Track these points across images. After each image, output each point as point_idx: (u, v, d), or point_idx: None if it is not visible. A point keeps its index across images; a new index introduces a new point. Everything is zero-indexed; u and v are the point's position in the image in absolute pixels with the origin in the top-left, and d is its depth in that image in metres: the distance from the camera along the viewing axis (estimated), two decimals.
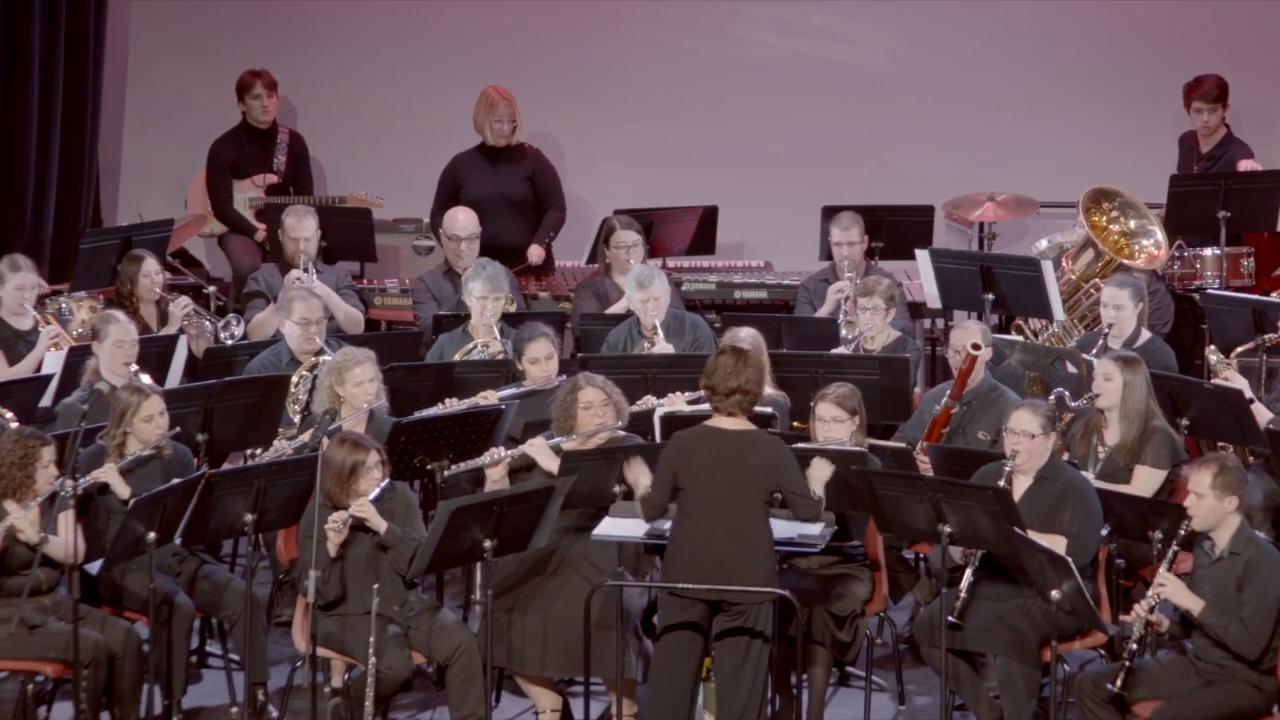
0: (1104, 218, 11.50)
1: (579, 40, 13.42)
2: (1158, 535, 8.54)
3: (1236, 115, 12.49)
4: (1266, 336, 9.98)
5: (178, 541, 8.65)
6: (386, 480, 8.61)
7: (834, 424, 9.04)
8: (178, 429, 9.04)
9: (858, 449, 8.90)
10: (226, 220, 12.62)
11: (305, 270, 11.22)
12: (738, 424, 8.23)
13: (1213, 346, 9.95)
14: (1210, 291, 11.28)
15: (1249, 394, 9.50)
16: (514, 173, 12.20)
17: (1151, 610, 8.10)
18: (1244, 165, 11.93)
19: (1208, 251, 11.77)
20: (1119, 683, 8.08)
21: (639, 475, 8.46)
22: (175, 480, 8.60)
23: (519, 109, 12.20)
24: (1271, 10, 13.02)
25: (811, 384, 9.78)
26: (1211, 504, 8.09)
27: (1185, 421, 9.66)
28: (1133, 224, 11.49)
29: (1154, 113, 12.66)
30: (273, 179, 12.66)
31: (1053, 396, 9.39)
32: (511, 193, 12.13)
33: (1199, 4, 13.03)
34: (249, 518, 8.62)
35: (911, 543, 9.36)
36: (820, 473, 8.44)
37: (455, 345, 10.53)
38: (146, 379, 9.45)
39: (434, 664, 8.82)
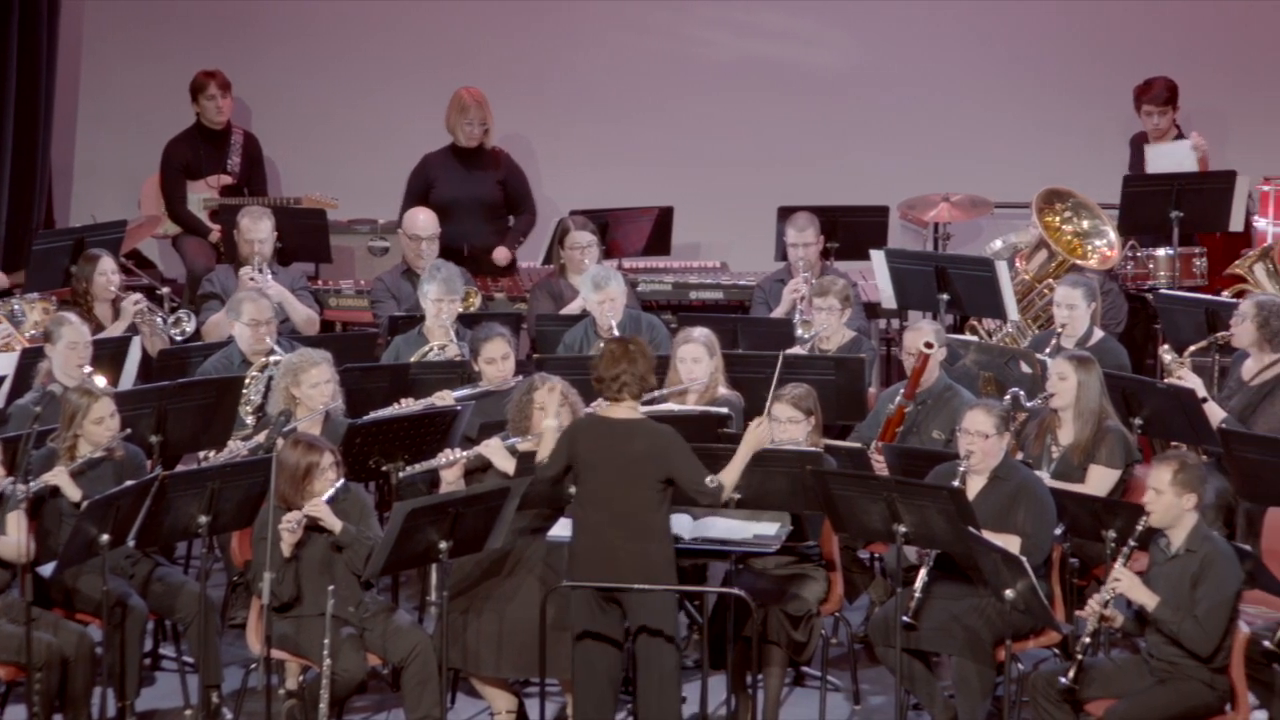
0: (1057, 218, 11.54)
1: (534, 41, 13.42)
2: (1111, 534, 8.57)
3: (1187, 117, 12.55)
4: (1219, 335, 10.03)
5: (131, 544, 8.61)
6: (341, 481, 8.60)
7: (790, 424, 9.06)
8: (128, 431, 9.00)
9: (813, 449, 8.91)
10: (181, 221, 12.57)
11: (260, 271, 11.19)
12: (626, 412, 8.26)
13: (1166, 346, 9.99)
14: (1163, 291, 11.33)
15: (1202, 393, 9.54)
16: (487, 176, 12.21)
17: (1106, 605, 8.13)
18: (1193, 138, 11.96)
19: (1160, 252, 11.83)
20: (1071, 675, 8.10)
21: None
22: (129, 482, 8.56)
23: (490, 112, 12.20)
24: (1223, 11, 13.09)
25: (767, 384, 9.78)
26: (1170, 501, 8.13)
27: (1138, 421, 9.71)
28: (1086, 224, 11.54)
29: (1107, 113, 12.70)
30: (227, 180, 12.62)
31: (1008, 396, 9.42)
32: (485, 196, 12.13)
33: (1152, 5, 13.08)
34: (203, 519, 8.58)
35: (867, 543, 9.38)
36: (755, 438, 8.40)
37: (411, 347, 10.52)
38: (100, 380, 9.40)
39: (389, 665, 8.80)
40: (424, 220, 11.54)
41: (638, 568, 8.18)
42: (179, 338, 10.78)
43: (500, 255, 11.99)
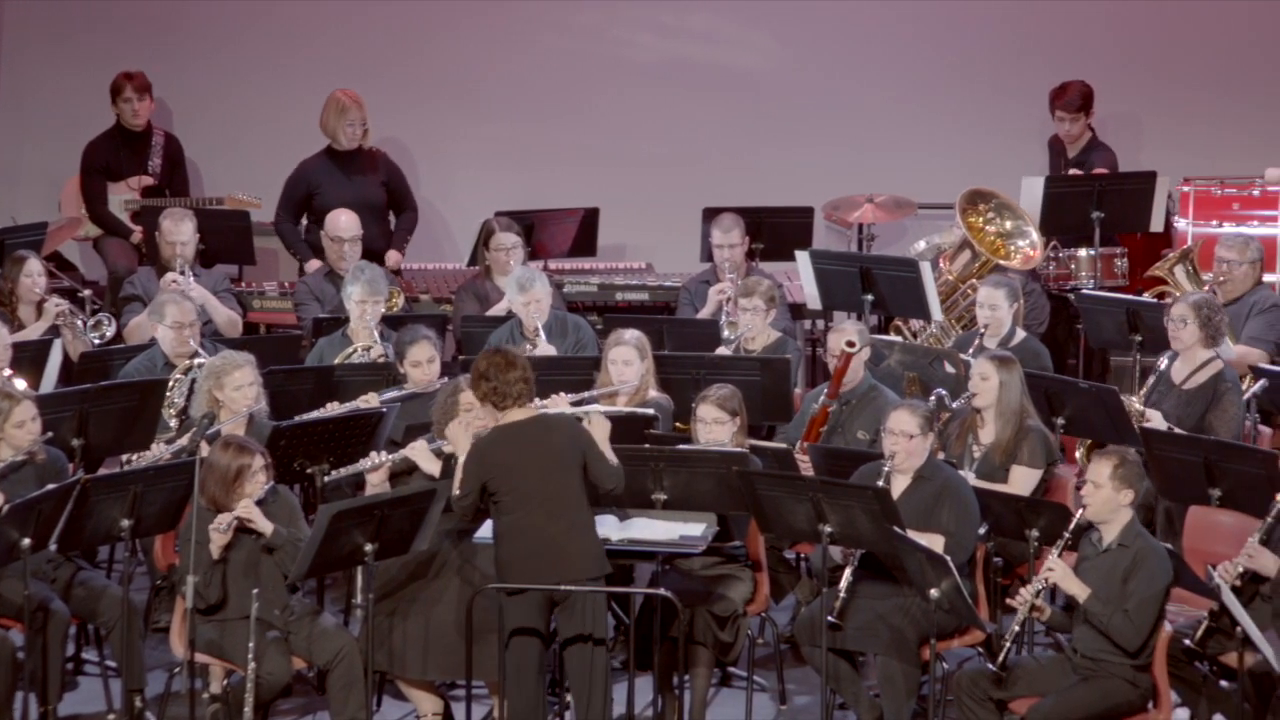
0: (980, 219, 11.61)
1: (459, 43, 13.39)
2: (1034, 533, 8.63)
3: (1103, 119, 12.66)
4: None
5: (53, 548, 8.55)
6: (270, 483, 8.56)
7: (715, 425, 9.08)
8: (50, 434, 8.93)
9: (739, 450, 8.93)
10: (102, 223, 12.48)
11: (182, 273, 11.12)
12: (527, 412, 8.28)
13: (1136, 398, 9.88)
14: (1085, 291, 11.41)
15: (1163, 425, 9.53)
16: (369, 178, 12.17)
17: (1038, 595, 8.18)
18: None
19: (1082, 252, 11.92)
20: (1000, 660, 8.14)
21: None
22: (50, 486, 8.49)
23: (367, 112, 12.15)
24: (1143, 11, 13.19)
25: (693, 385, 9.81)
26: (1109, 495, 8.18)
27: (1061, 420, 9.78)
28: (1008, 225, 11.61)
29: (1029, 114, 12.77)
30: (148, 181, 12.54)
31: (933, 397, 9.47)
32: (370, 198, 12.09)
33: (1073, 5, 13.17)
34: (125, 523, 8.53)
35: (792, 543, 9.41)
36: (599, 430, 8.43)
37: (335, 349, 10.48)
38: (21, 383, 9.32)
39: (314, 669, 8.77)
40: (346, 222, 11.49)
41: (582, 560, 8.18)
42: (98, 341, 10.70)
43: (393, 259, 11.92)
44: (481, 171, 13.34)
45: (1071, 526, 8.25)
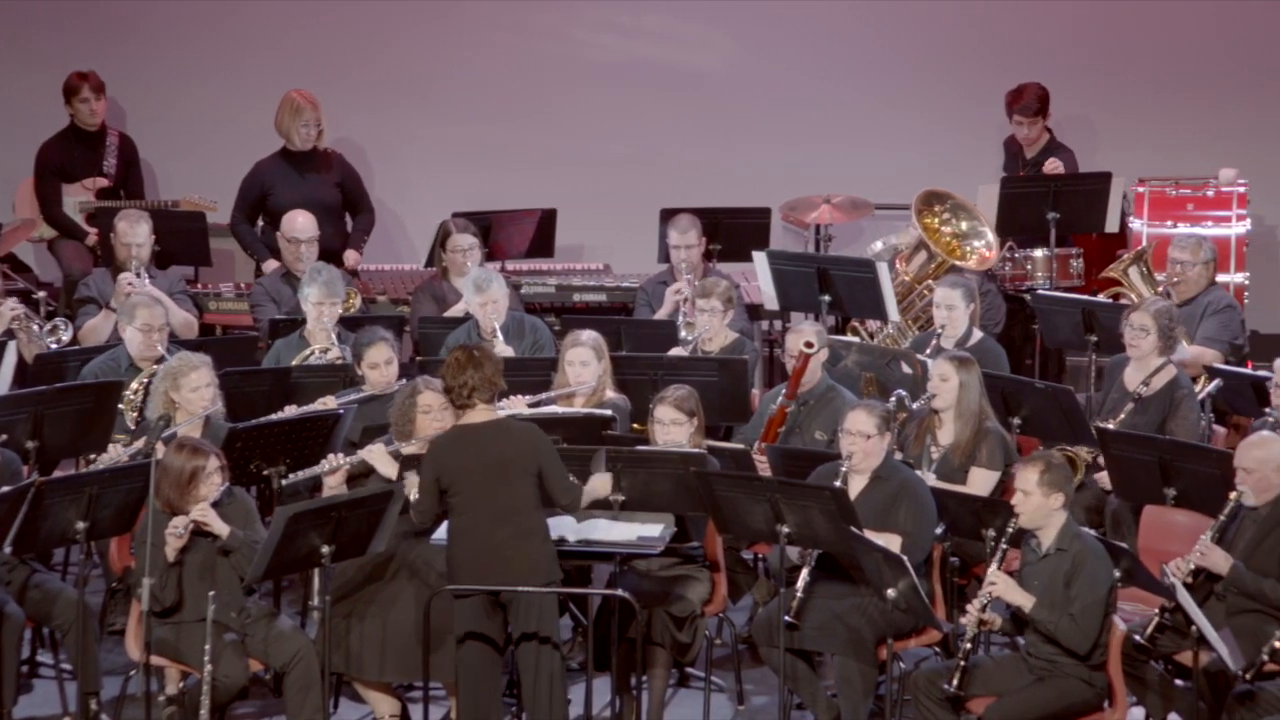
0: (936, 219, 11.64)
1: (417, 43, 13.37)
2: (991, 533, 8.66)
3: (1059, 120, 12.71)
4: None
5: (7, 550, 8.50)
6: (226, 485, 8.53)
7: (673, 426, 9.08)
8: (4, 436, 8.89)
9: (696, 450, 8.94)
10: (56, 225, 12.42)
11: (138, 275, 11.08)
12: (487, 415, 8.27)
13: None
14: (1041, 292, 11.46)
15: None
16: (324, 178, 12.14)
17: (984, 609, 8.21)
18: (1049, 167, 12.12)
19: (1038, 252, 11.96)
20: (955, 682, 8.17)
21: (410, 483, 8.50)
22: (4, 488, 8.44)
23: (323, 113, 12.13)
24: (1097, 12, 13.24)
25: (651, 386, 9.81)
26: (1039, 501, 8.21)
27: (1017, 421, 9.81)
28: (964, 225, 11.65)
29: (986, 115, 12.81)
30: (103, 182, 12.48)
31: (893, 398, 9.49)
32: (324, 198, 12.06)
33: (1029, 5, 13.22)
34: (81, 525, 8.50)
35: (750, 543, 9.42)
36: (599, 486, 8.49)
37: (292, 350, 10.45)
38: None
39: (271, 671, 8.74)
40: (303, 223, 11.46)
41: (526, 567, 8.17)
42: (55, 345, 10.65)
43: (351, 259, 11.89)
44: (438, 172, 13.32)
45: (1008, 534, 8.27)
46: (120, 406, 9.75)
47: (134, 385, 9.80)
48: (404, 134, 13.24)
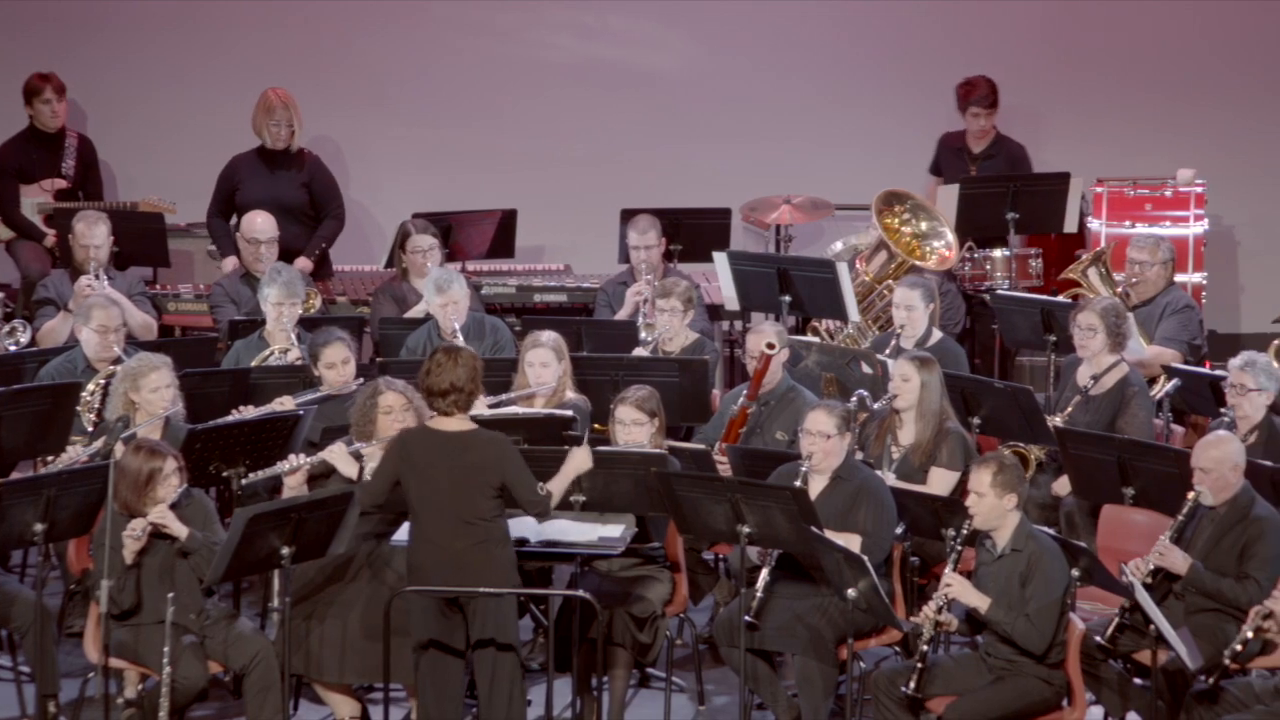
0: (896, 220, 11.67)
1: (376, 44, 13.34)
2: (951, 533, 8.68)
3: (1018, 120, 12.76)
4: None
5: None
6: (184, 486, 8.51)
7: (634, 427, 9.08)
8: None
9: (657, 451, 8.94)
10: (15, 226, 12.37)
11: (96, 277, 11.05)
12: (458, 424, 8.24)
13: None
14: (1000, 292, 11.49)
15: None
16: (291, 178, 12.11)
17: (940, 610, 8.23)
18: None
19: (997, 253, 12.00)
20: (913, 684, 8.19)
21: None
22: None
23: (298, 113, 12.09)
24: (1056, 11, 13.28)
25: (611, 387, 9.82)
26: (992, 503, 8.24)
27: (977, 421, 9.84)
28: (924, 226, 11.68)
29: (947, 116, 12.83)
30: (61, 184, 12.43)
31: (854, 398, 9.51)
32: (287, 199, 12.02)
33: (987, 7, 13.25)
34: (39, 527, 8.46)
35: (711, 543, 9.43)
36: (577, 462, 8.43)
37: (252, 351, 10.42)
38: None
39: (230, 673, 8.72)
40: (262, 223, 11.44)
41: (482, 574, 8.16)
42: (13, 347, 10.60)
43: (301, 265, 11.83)
44: (398, 173, 13.30)
45: (962, 535, 8.30)
46: (77, 408, 9.71)
47: (91, 386, 9.76)
48: (363, 135, 13.21)
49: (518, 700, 8.29)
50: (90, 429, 9.64)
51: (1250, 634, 7.98)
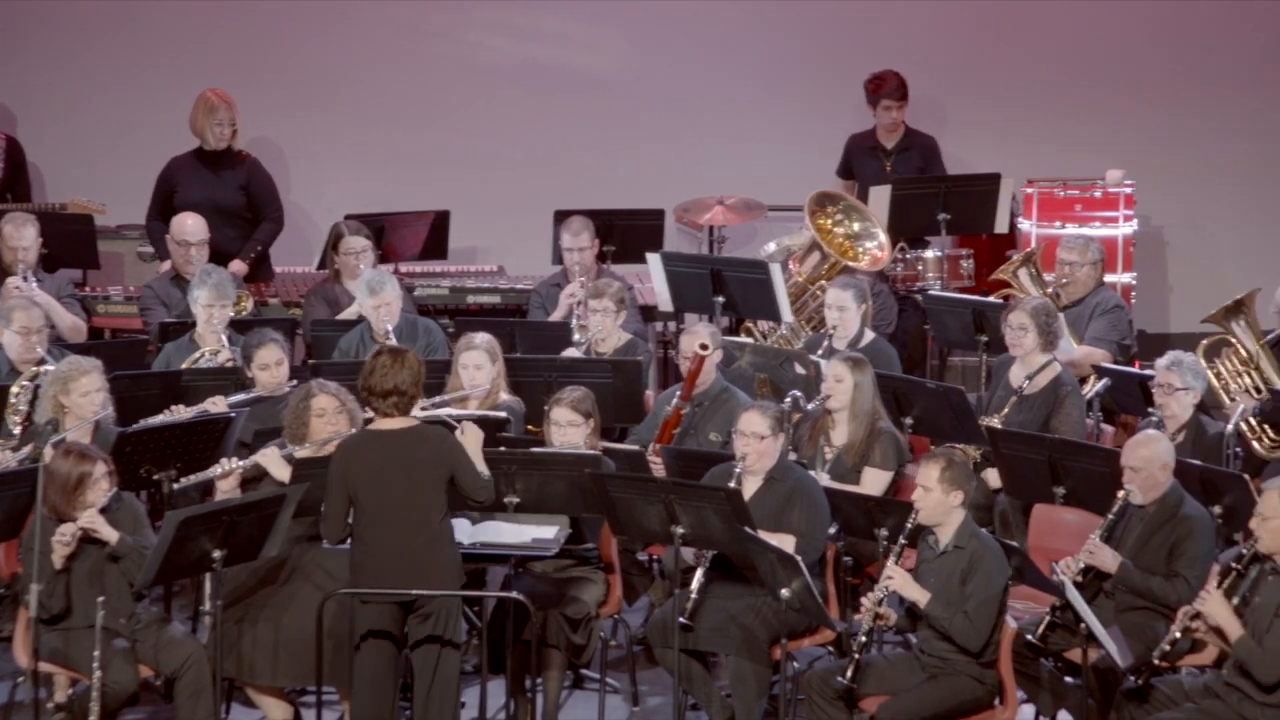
0: (829, 220, 11.70)
1: (307, 44, 13.29)
2: (883, 533, 8.71)
3: (950, 122, 12.82)
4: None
5: None
6: (114, 490, 8.46)
7: (569, 428, 9.08)
8: None
9: (591, 452, 8.94)
10: None
11: (25, 279, 10.97)
12: (401, 422, 8.23)
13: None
14: (932, 293, 11.54)
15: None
16: (229, 180, 12.05)
17: (880, 603, 8.26)
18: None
19: (929, 253, 12.05)
20: (849, 674, 8.21)
21: None
22: None
23: (238, 113, 12.04)
24: (985, 14, 13.35)
25: (545, 388, 9.81)
26: (939, 498, 8.27)
27: (909, 420, 9.88)
28: (856, 226, 11.72)
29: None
30: None
31: (788, 399, 9.53)
32: (224, 200, 11.97)
33: (918, 8, 13.30)
34: None
35: (645, 544, 9.43)
36: (472, 441, 8.40)
37: (182, 353, 10.37)
38: None
39: (162, 677, 8.67)
40: (192, 225, 11.37)
41: (432, 573, 8.14)
42: None
43: (234, 267, 11.77)
44: (330, 174, 13.25)
45: (906, 530, 8.33)
46: (4, 411, 9.63)
47: (14, 389, 9.68)
48: (293, 135, 13.16)
49: (453, 701, 8.27)
50: (16, 432, 9.57)
51: (1179, 633, 8.05)
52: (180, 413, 9.55)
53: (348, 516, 8.21)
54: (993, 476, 9.78)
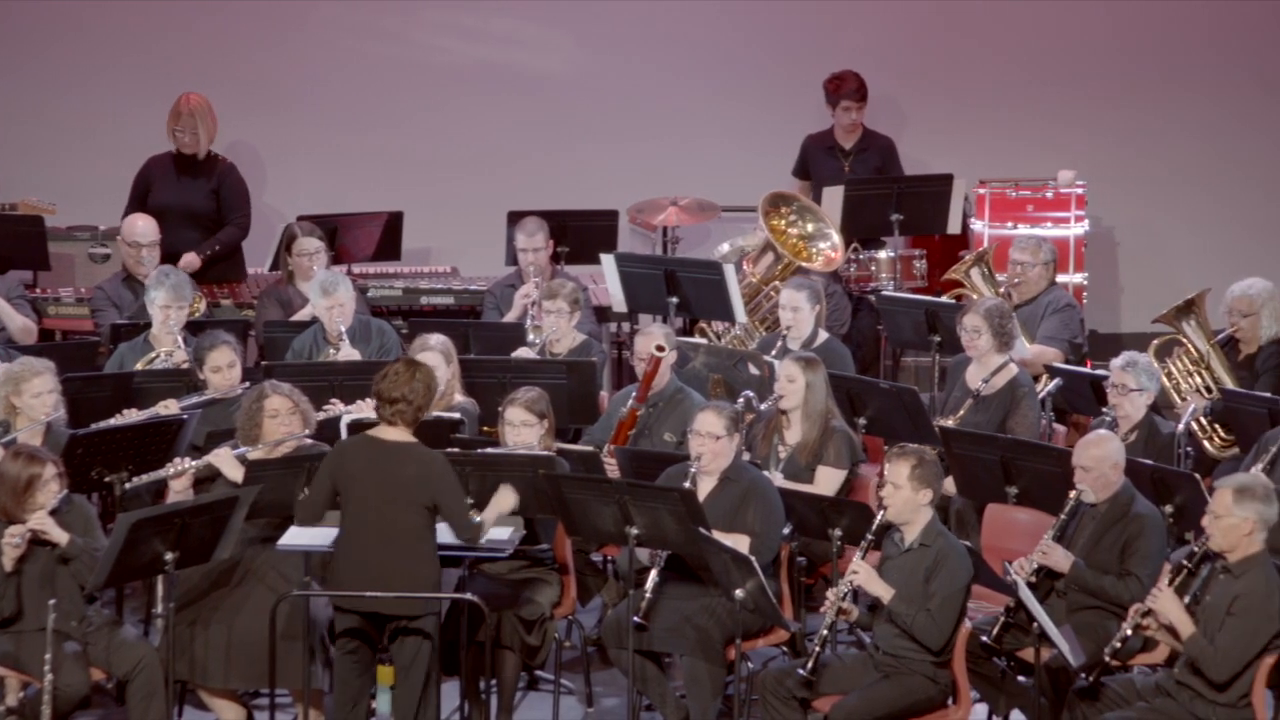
0: (783, 221, 11.72)
1: (258, 45, 13.25)
2: (837, 533, 8.73)
3: (903, 122, 12.86)
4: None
5: None
6: (64, 492, 8.42)
7: (523, 428, 9.07)
8: None
9: (546, 453, 8.94)
10: None
11: None
12: (399, 435, 8.28)
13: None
14: (885, 293, 11.57)
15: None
16: (201, 184, 12.00)
17: (844, 598, 8.27)
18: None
19: (882, 254, 12.08)
20: (809, 666, 8.22)
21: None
22: None
23: (208, 119, 11.97)
24: (937, 14, 13.39)
25: (499, 389, 9.80)
26: (908, 496, 8.29)
27: (863, 420, 9.90)
28: (810, 227, 11.74)
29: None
30: None
31: (741, 399, 9.54)
32: (193, 205, 11.92)
33: (868, 7, 13.33)
34: None
35: (599, 545, 9.43)
36: (504, 501, 8.47)
37: (136, 354, 10.34)
38: None
39: (114, 679, 8.64)
40: (143, 227, 11.32)
41: (403, 586, 8.18)
42: None
43: (187, 261, 11.71)
44: (283, 175, 13.21)
45: (874, 527, 8.35)
46: None
47: None
48: (246, 136, 13.11)
49: (431, 700, 8.28)
50: None
51: (1130, 631, 8.09)
52: (132, 416, 9.51)
53: (325, 507, 8.28)
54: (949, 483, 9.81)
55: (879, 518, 8.33)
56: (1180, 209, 13.48)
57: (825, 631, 8.25)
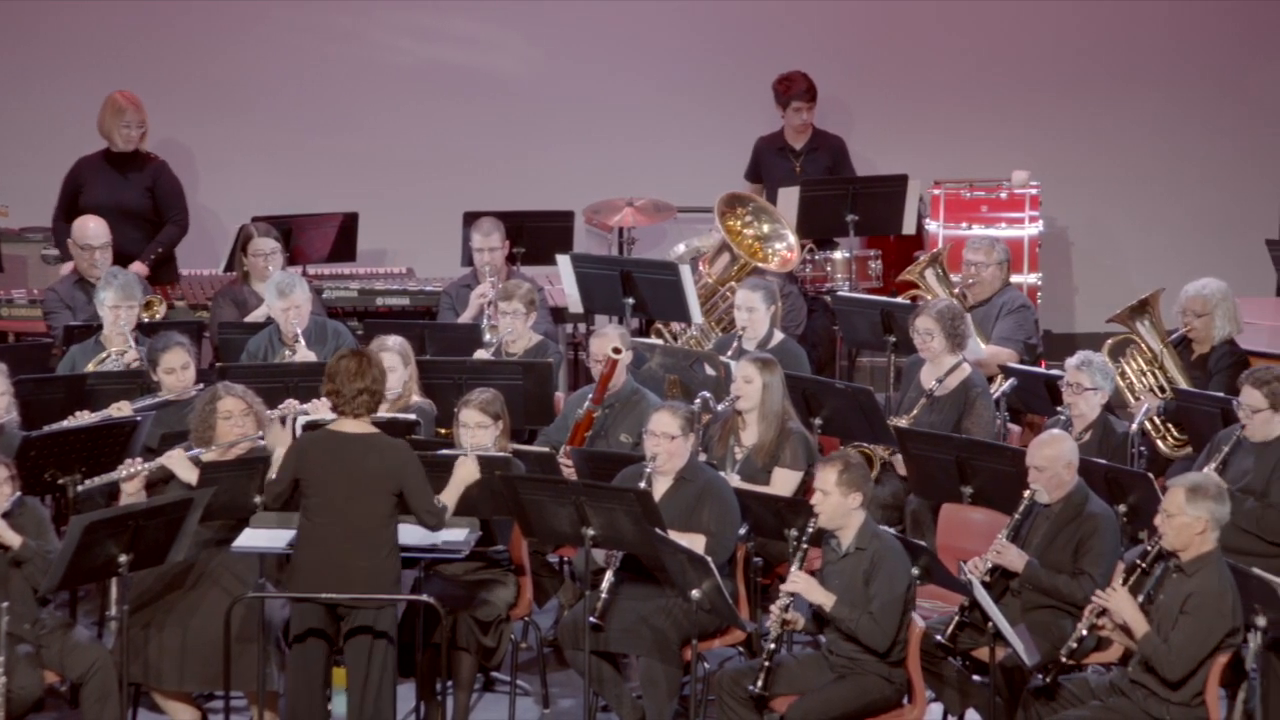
0: (739, 222, 11.74)
1: (213, 44, 13.21)
2: (793, 533, 8.74)
3: (857, 123, 12.90)
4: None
5: None
6: (17, 495, 8.38)
7: (478, 430, 9.06)
8: None
9: (502, 454, 8.93)
10: None
11: None
12: (361, 427, 8.25)
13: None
14: (841, 294, 11.60)
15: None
16: (135, 182, 11.95)
17: (786, 609, 8.29)
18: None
19: (837, 254, 12.11)
20: (760, 683, 8.24)
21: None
22: None
23: (146, 115, 11.94)
24: (890, 16, 13.44)
25: (455, 390, 9.78)
26: (837, 501, 8.31)
27: (818, 421, 9.92)
28: (766, 228, 11.76)
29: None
30: None
31: (698, 400, 9.55)
32: (129, 203, 11.87)
33: (824, 8, 13.37)
34: None
35: (556, 546, 9.43)
36: (466, 472, 8.44)
37: (88, 356, 10.29)
38: None
39: (67, 682, 8.61)
40: (94, 229, 11.27)
41: (366, 582, 8.13)
42: None
43: (135, 269, 11.65)
44: (237, 176, 13.17)
45: (808, 534, 8.37)
46: None
47: None
48: (200, 137, 13.08)
49: (389, 704, 8.26)
50: None
51: (1085, 630, 8.12)
52: (85, 418, 9.47)
53: (288, 495, 8.26)
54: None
55: (811, 525, 8.34)
56: (1134, 209, 13.55)
57: (772, 645, 8.25)
